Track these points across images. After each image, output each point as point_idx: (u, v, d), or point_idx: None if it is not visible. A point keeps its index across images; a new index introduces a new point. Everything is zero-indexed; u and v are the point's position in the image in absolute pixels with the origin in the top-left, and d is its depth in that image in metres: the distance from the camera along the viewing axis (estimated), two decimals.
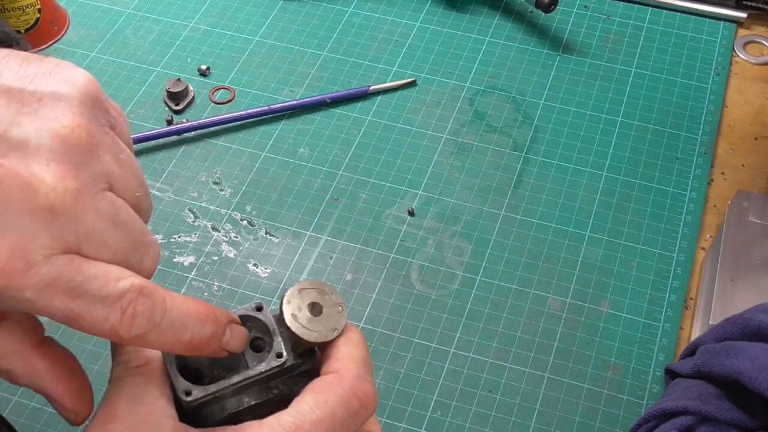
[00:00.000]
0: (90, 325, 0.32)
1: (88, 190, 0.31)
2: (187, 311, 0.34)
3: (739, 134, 0.79)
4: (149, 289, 0.33)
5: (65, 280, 0.31)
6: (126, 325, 0.32)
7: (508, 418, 0.61)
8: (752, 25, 0.88)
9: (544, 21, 0.88)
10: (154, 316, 0.33)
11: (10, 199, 0.30)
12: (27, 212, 0.30)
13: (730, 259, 0.65)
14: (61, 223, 0.31)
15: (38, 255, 0.30)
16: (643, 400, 0.62)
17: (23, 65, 0.32)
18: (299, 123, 0.80)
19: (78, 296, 0.31)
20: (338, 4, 0.91)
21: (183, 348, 0.34)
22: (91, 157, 0.32)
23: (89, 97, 0.33)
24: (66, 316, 0.31)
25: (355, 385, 0.36)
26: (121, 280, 0.32)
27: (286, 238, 0.72)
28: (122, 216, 0.33)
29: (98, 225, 0.32)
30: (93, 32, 0.88)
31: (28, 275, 0.30)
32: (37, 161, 0.30)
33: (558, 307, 0.67)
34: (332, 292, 0.38)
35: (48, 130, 0.31)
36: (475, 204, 0.73)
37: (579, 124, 0.79)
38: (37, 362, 0.34)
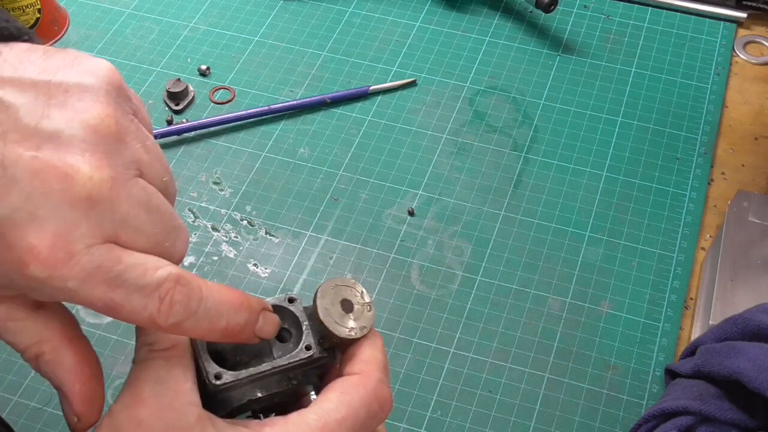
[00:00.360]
0: (129, 314, 0.32)
1: (121, 178, 0.32)
2: (222, 299, 0.34)
3: (739, 134, 0.79)
4: (186, 278, 0.33)
5: (106, 269, 0.31)
6: (164, 314, 0.33)
7: (508, 418, 0.61)
8: (752, 25, 0.88)
9: (544, 21, 0.88)
10: (190, 305, 0.33)
11: (49, 190, 0.30)
12: (66, 202, 0.30)
13: (730, 259, 0.65)
14: (99, 211, 0.31)
15: (80, 244, 0.31)
16: (643, 400, 0.62)
17: (45, 58, 0.33)
18: (299, 123, 0.80)
19: (118, 286, 0.32)
20: (338, 4, 0.91)
21: (218, 335, 0.35)
22: (121, 145, 0.33)
23: (113, 86, 0.34)
24: (106, 305, 0.32)
25: (378, 388, 0.37)
26: (159, 269, 0.33)
27: (286, 238, 0.72)
28: (153, 201, 0.34)
29: (133, 211, 0.32)
30: (93, 32, 0.88)
31: (70, 265, 0.31)
32: (72, 152, 0.31)
33: (558, 307, 0.67)
34: (362, 290, 0.38)
35: (78, 120, 0.31)
36: (475, 204, 0.73)
37: (579, 124, 0.79)
38: (65, 355, 0.34)
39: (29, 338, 0.34)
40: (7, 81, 0.32)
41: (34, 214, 0.30)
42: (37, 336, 0.34)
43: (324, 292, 0.38)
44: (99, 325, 0.66)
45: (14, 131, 0.31)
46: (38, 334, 0.34)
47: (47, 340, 0.34)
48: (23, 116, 0.31)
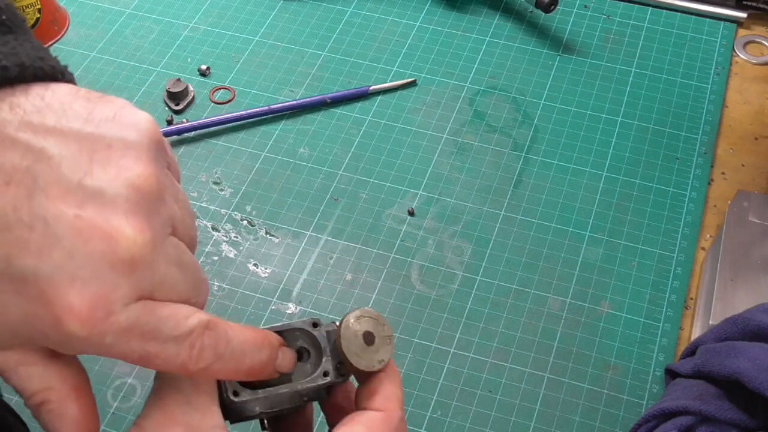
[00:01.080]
0: (163, 363, 0.33)
1: (159, 239, 0.32)
2: (246, 339, 0.35)
3: (739, 134, 0.79)
4: (214, 323, 0.34)
5: (142, 323, 0.32)
6: (194, 359, 0.33)
7: (508, 418, 0.61)
8: (752, 25, 0.88)
9: (544, 21, 0.88)
10: (218, 348, 0.34)
11: (92, 250, 0.30)
12: (108, 264, 0.31)
13: (730, 259, 0.65)
14: (140, 274, 0.31)
15: (119, 304, 0.31)
16: (643, 400, 0.62)
17: (87, 108, 0.32)
18: (299, 123, 0.80)
19: (153, 338, 0.32)
20: (338, 4, 0.91)
21: (242, 374, 0.36)
22: (160, 204, 0.33)
23: (154, 143, 0.33)
24: (140, 356, 0.32)
25: (400, 426, 0.38)
26: (190, 317, 0.33)
27: (286, 238, 0.72)
28: (184, 258, 0.34)
29: (168, 271, 0.33)
30: (93, 32, 0.88)
31: (109, 322, 0.31)
32: (116, 212, 0.31)
33: (558, 307, 0.67)
34: (385, 323, 0.40)
35: (122, 179, 0.31)
36: (475, 204, 0.73)
37: (579, 124, 0.79)
38: (70, 407, 0.34)
39: (38, 385, 0.34)
40: (51, 130, 0.31)
41: (75, 274, 0.30)
42: (46, 383, 0.34)
43: (348, 323, 0.39)
44: None
45: (57, 186, 0.30)
46: (47, 381, 0.34)
47: (55, 389, 0.34)
48: (66, 170, 0.31)
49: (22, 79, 0.32)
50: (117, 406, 0.62)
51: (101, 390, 0.63)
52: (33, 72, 0.32)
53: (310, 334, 0.40)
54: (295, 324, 0.40)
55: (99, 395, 0.62)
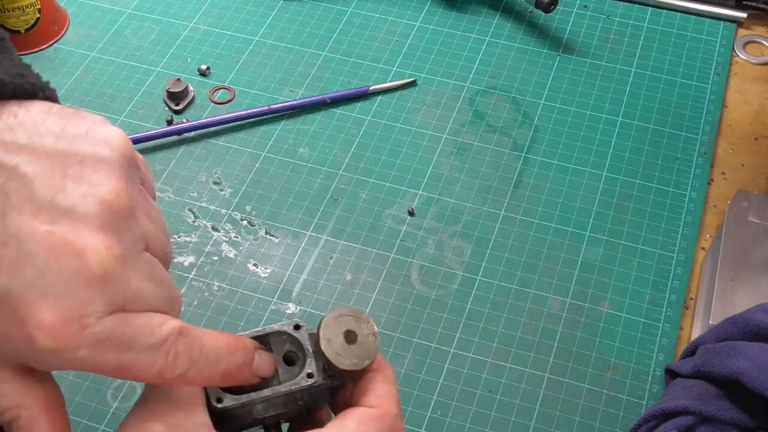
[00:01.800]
0: (139, 372, 0.33)
1: (130, 254, 0.33)
2: (219, 344, 0.35)
3: (739, 134, 0.79)
4: (187, 329, 0.34)
5: (116, 335, 0.32)
6: (170, 367, 0.33)
7: (508, 418, 0.61)
8: (752, 25, 0.88)
9: (544, 21, 0.88)
10: (193, 354, 0.34)
11: (64, 266, 0.31)
12: (80, 279, 0.31)
13: (730, 259, 0.65)
14: (112, 288, 0.32)
15: (92, 318, 0.31)
16: (643, 400, 0.62)
17: (61, 124, 0.33)
18: (299, 123, 0.80)
19: (128, 348, 0.32)
20: (338, 4, 0.91)
21: (218, 379, 0.36)
22: (132, 220, 0.33)
23: (126, 158, 0.34)
24: (116, 368, 0.32)
25: (394, 424, 0.38)
26: (163, 325, 0.33)
27: (286, 238, 0.72)
28: (157, 274, 0.34)
29: (142, 286, 0.33)
30: (93, 32, 0.88)
31: (84, 336, 0.31)
32: (87, 228, 0.31)
33: (558, 307, 0.67)
34: (368, 321, 0.39)
35: (93, 196, 0.32)
36: (475, 204, 0.73)
37: (579, 124, 0.79)
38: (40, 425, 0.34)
39: (9, 402, 0.33)
40: (23, 148, 0.31)
41: (47, 291, 0.30)
42: (18, 401, 0.34)
43: (327, 323, 0.39)
44: None
45: (29, 203, 0.31)
46: (19, 399, 0.34)
47: (26, 407, 0.34)
48: (38, 188, 0.31)
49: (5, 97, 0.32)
50: (117, 406, 0.62)
51: (101, 390, 0.63)
52: (12, 89, 0.32)
53: (293, 337, 0.39)
54: (276, 327, 0.40)
55: (99, 395, 0.62)
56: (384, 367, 0.40)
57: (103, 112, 0.80)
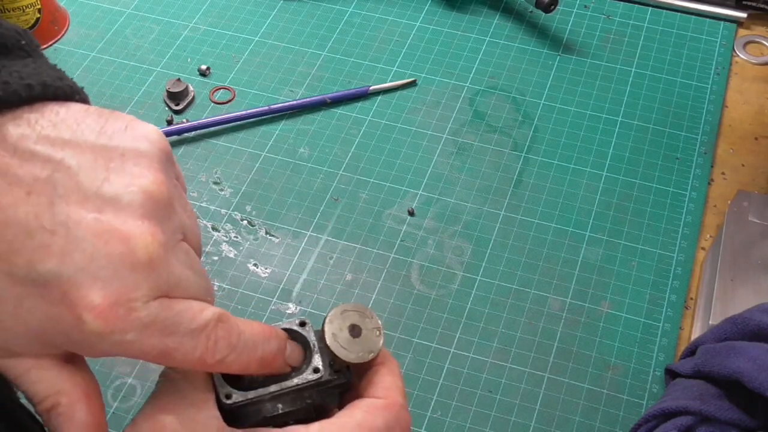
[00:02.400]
0: (182, 356, 0.34)
1: (171, 243, 0.34)
2: (255, 331, 0.37)
3: (739, 134, 0.79)
4: (226, 315, 0.35)
5: (161, 319, 0.33)
6: (211, 352, 0.34)
7: (508, 418, 0.61)
8: (752, 25, 0.88)
9: (544, 21, 0.88)
10: (231, 340, 0.35)
11: (111, 251, 0.32)
12: (128, 264, 0.32)
13: (730, 259, 0.65)
14: (157, 273, 0.33)
15: (139, 302, 0.32)
16: (643, 400, 0.62)
17: (100, 122, 0.34)
18: (299, 123, 0.80)
19: (172, 332, 0.33)
20: (338, 4, 0.91)
21: (256, 365, 0.37)
22: (171, 210, 0.35)
23: (164, 153, 0.35)
24: (161, 352, 0.33)
25: (400, 414, 0.39)
26: (204, 311, 0.34)
27: (286, 238, 0.72)
28: (194, 264, 0.36)
29: (182, 273, 0.34)
30: (93, 32, 0.88)
31: (131, 319, 0.32)
32: (132, 216, 0.32)
33: (558, 307, 0.67)
34: (372, 316, 0.40)
35: (137, 186, 0.33)
36: (475, 204, 0.73)
37: (579, 124, 0.79)
38: (79, 411, 0.35)
39: (50, 389, 0.34)
40: (67, 143, 0.33)
41: (96, 275, 0.31)
42: (58, 387, 0.34)
43: (332, 318, 0.39)
44: None
45: (76, 193, 0.32)
46: (59, 385, 0.34)
47: (66, 394, 0.34)
48: (84, 179, 0.32)
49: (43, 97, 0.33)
50: (117, 406, 0.62)
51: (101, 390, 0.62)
52: (54, 91, 0.34)
53: (299, 334, 0.40)
54: (282, 325, 0.40)
55: None
56: (389, 360, 0.41)
57: None
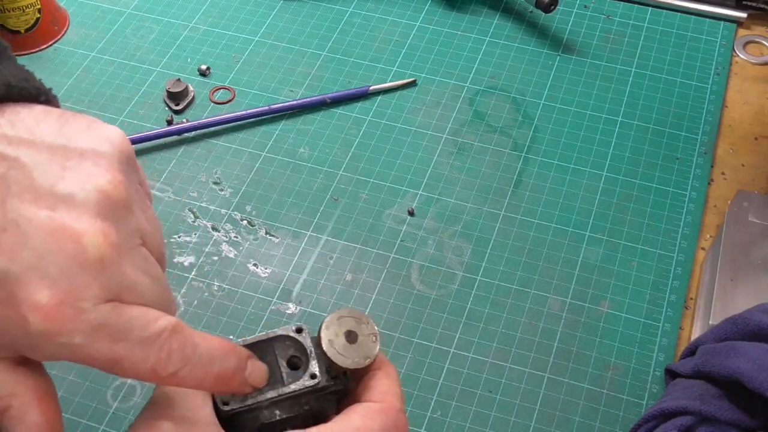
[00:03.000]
0: (132, 366, 0.33)
1: (127, 245, 0.33)
2: (212, 346, 0.36)
3: (739, 134, 0.79)
4: (181, 326, 0.34)
5: (111, 323, 0.32)
6: (164, 363, 0.33)
7: (508, 418, 0.61)
8: (752, 25, 0.88)
9: (544, 21, 0.88)
10: (186, 352, 0.34)
11: (62, 249, 0.31)
12: (78, 263, 0.31)
13: (730, 259, 0.65)
14: (108, 274, 0.32)
15: (88, 303, 0.32)
16: (643, 400, 0.62)
17: (61, 122, 0.34)
18: (299, 123, 0.80)
19: (122, 339, 0.32)
20: (338, 4, 0.91)
21: (211, 382, 0.35)
22: (128, 213, 0.34)
23: (125, 156, 0.35)
24: (109, 359, 0.32)
25: (398, 417, 0.38)
26: (159, 320, 0.34)
27: (286, 238, 0.72)
28: (152, 270, 0.35)
29: (137, 278, 0.33)
30: (93, 32, 0.88)
31: (78, 321, 0.31)
32: (86, 215, 0.32)
33: (558, 307, 0.67)
34: (368, 321, 0.40)
35: (93, 185, 0.32)
36: (475, 204, 0.73)
37: (579, 124, 0.79)
38: (32, 414, 0.34)
39: (1, 391, 0.34)
40: (24, 142, 0.33)
41: (45, 273, 0.31)
42: (10, 389, 0.34)
43: (329, 324, 0.39)
44: None
45: (29, 191, 0.32)
46: (11, 388, 0.34)
47: (18, 395, 0.34)
48: (38, 177, 0.32)
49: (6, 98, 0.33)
50: (117, 407, 0.62)
51: (101, 390, 0.63)
52: (18, 91, 0.34)
53: (295, 340, 0.40)
54: (279, 331, 0.40)
55: (99, 395, 0.62)
56: (386, 364, 0.41)
57: (103, 113, 0.80)
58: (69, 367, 0.63)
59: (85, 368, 0.63)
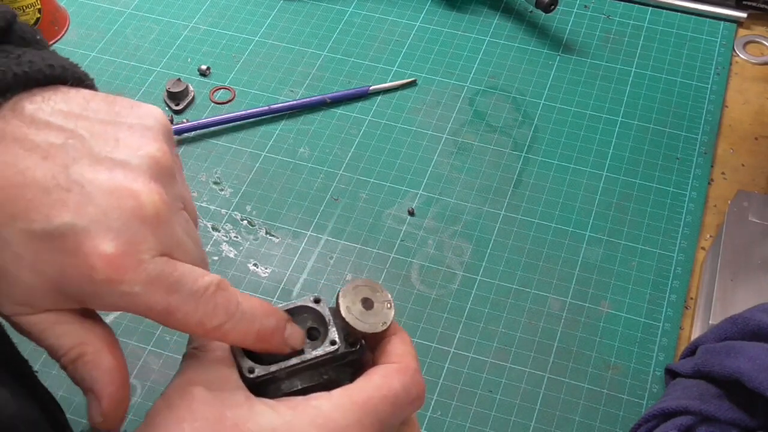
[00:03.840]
0: (183, 317, 0.36)
1: (174, 207, 0.37)
2: (254, 304, 0.38)
3: (739, 134, 0.79)
4: (225, 283, 0.37)
5: (166, 275, 0.35)
6: (210, 316, 0.36)
7: (508, 418, 0.61)
8: (752, 25, 0.88)
9: (544, 21, 0.88)
10: (230, 307, 0.37)
11: (122, 206, 0.34)
12: (137, 218, 0.35)
13: (730, 259, 0.65)
14: (163, 230, 0.35)
15: (146, 254, 0.35)
16: (643, 400, 0.62)
17: (107, 102, 0.38)
18: (299, 123, 0.80)
19: (175, 291, 0.35)
20: (338, 4, 0.91)
21: (252, 338, 0.38)
22: (173, 179, 0.38)
23: (167, 129, 0.39)
24: (164, 309, 0.35)
25: (416, 377, 0.40)
26: (205, 276, 0.37)
27: (286, 238, 0.72)
28: (192, 233, 0.38)
29: (183, 238, 0.37)
30: (93, 32, 0.88)
31: (138, 271, 0.34)
32: (141, 177, 0.36)
33: (558, 307, 0.67)
34: (382, 290, 0.42)
35: (144, 152, 0.36)
36: (475, 204, 0.73)
37: (579, 124, 0.79)
38: (105, 358, 0.37)
39: (74, 340, 0.36)
40: (79, 116, 0.36)
41: (108, 226, 0.34)
42: (82, 338, 0.36)
43: (345, 292, 0.41)
44: None
45: (88, 157, 0.35)
46: (83, 336, 0.36)
47: (90, 343, 0.37)
48: (95, 146, 0.35)
49: (62, 79, 0.37)
50: None
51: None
52: (72, 74, 0.38)
53: (314, 310, 0.42)
54: (298, 302, 0.42)
55: None
56: (400, 330, 0.42)
57: None
58: None
59: None
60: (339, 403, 0.38)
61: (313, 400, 0.38)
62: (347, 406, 0.38)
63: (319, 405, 0.38)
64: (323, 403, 0.38)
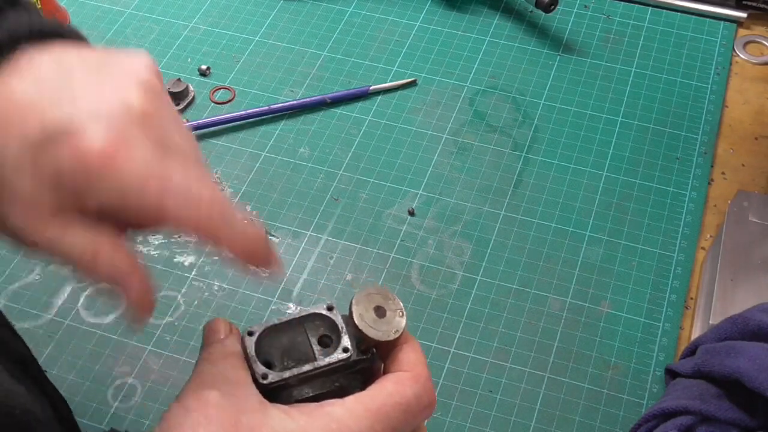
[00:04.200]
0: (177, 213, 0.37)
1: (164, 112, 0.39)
2: (245, 218, 0.39)
3: (739, 134, 0.79)
4: (219, 192, 0.39)
5: (158, 170, 0.36)
6: (205, 216, 0.37)
7: (508, 417, 0.61)
8: (752, 25, 0.88)
9: (544, 21, 0.88)
10: (226, 213, 0.38)
11: (114, 100, 0.37)
12: (126, 115, 0.37)
13: (730, 259, 0.65)
14: (152, 128, 0.37)
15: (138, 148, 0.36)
16: (643, 400, 0.62)
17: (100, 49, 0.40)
18: (299, 123, 0.80)
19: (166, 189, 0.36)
20: (338, 4, 0.91)
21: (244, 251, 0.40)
22: (163, 93, 0.40)
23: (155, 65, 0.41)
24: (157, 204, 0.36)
25: (427, 385, 0.41)
26: (199, 180, 0.38)
27: (287, 238, 0.72)
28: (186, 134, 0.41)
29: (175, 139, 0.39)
30: (93, 32, 0.88)
31: (129, 160, 0.36)
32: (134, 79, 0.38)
33: (558, 306, 0.67)
34: (394, 298, 0.43)
35: (137, 63, 0.39)
36: (475, 204, 0.73)
37: (579, 124, 0.79)
38: (121, 254, 0.38)
39: (87, 240, 0.37)
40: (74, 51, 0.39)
41: (99, 121, 0.36)
42: (94, 237, 0.37)
43: (358, 300, 0.42)
44: (99, 325, 0.66)
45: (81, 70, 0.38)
46: (96, 237, 0.37)
47: (105, 241, 0.37)
48: (89, 62, 0.38)
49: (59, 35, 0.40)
50: (117, 406, 0.62)
51: (101, 390, 0.62)
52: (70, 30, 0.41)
53: (327, 318, 0.42)
54: (311, 309, 0.43)
55: (99, 395, 0.62)
56: (411, 339, 0.43)
57: None
58: (69, 367, 0.63)
59: (85, 368, 0.63)
60: (352, 410, 0.38)
61: (327, 407, 0.38)
62: (360, 412, 0.38)
63: (333, 411, 0.38)
64: (336, 410, 0.38)
